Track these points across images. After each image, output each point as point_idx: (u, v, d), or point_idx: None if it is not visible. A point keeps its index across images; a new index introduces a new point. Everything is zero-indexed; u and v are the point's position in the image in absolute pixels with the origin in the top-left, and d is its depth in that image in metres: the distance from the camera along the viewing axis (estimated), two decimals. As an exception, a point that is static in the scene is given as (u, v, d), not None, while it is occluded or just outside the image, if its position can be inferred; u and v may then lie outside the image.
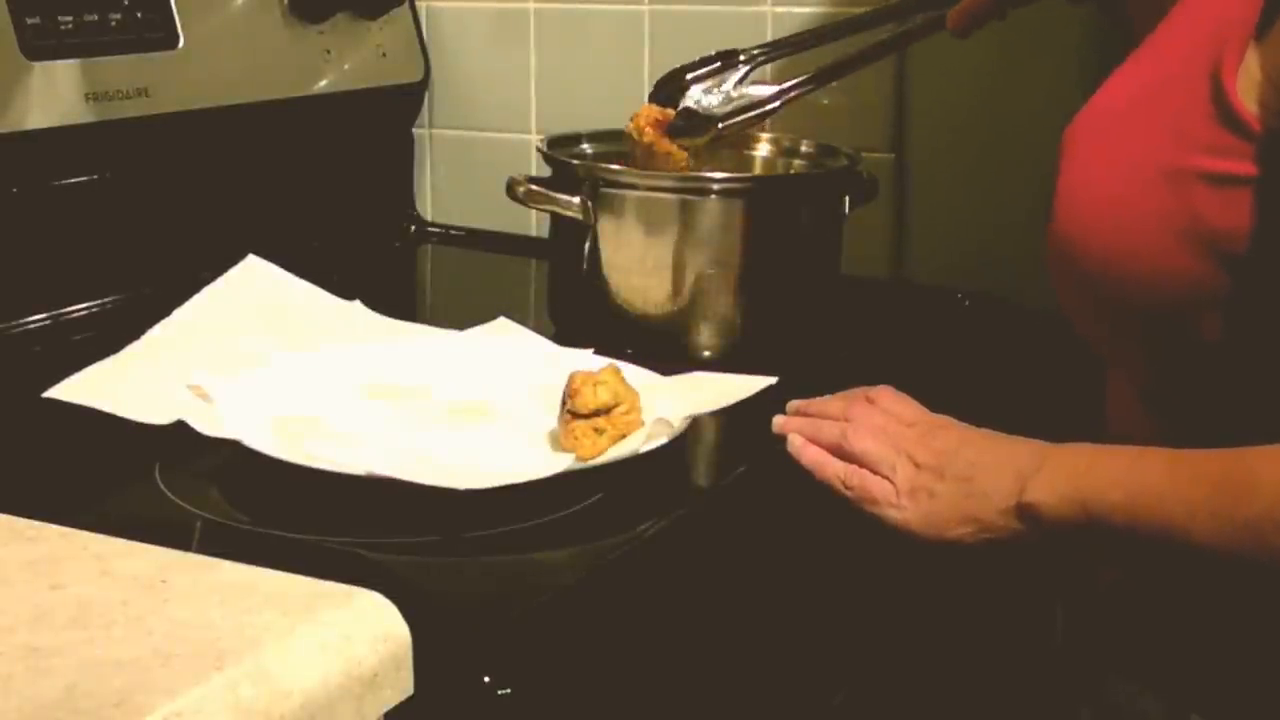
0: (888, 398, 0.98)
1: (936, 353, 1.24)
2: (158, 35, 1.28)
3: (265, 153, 1.42)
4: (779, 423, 0.99)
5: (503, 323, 1.13)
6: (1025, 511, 0.88)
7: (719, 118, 1.18)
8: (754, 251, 1.16)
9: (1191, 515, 0.81)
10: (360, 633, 0.66)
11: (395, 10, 1.51)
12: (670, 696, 0.83)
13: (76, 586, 0.68)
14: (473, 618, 0.77)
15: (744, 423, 1.00)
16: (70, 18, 1.20)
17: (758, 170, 1.32)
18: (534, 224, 1.49)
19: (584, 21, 1.53)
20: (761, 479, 0.97)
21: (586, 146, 1.29)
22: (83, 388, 0.97)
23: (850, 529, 0.94)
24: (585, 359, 1.04)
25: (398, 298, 1.46)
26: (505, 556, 0.84)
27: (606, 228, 1.16)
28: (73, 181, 1.24)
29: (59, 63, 1.19)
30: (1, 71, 1.15)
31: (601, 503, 0.88)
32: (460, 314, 1.17)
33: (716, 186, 1.16)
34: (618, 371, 0.93)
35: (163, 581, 0.69)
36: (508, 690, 0.71)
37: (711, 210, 1.15)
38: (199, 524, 0.86)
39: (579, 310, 1.21)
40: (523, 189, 1.18)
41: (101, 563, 0.70)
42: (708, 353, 1.16)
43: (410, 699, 0.68)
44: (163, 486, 0.90)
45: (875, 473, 0.94)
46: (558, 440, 0.92)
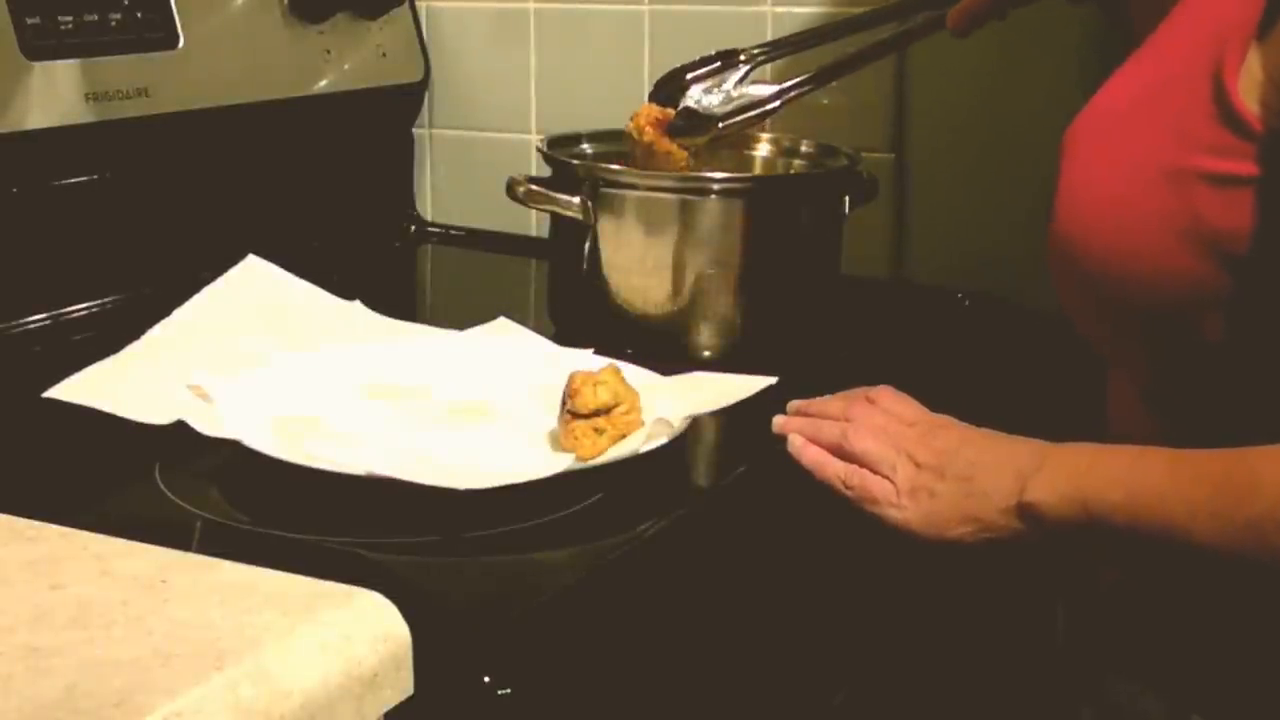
0: (888, 398, 0.98)
1: (936, 353, 1.24)
2: (158, 35, 1.28)
3: (265, 153, 1.42)
4: (779, 423, 0.99)
5: (503, 323, 1.13)
6: (1026, 511, 0.88)
7: (719, 117, 1.18)
8: (754, 251, 1.16)
9: (1193, 515, 0.81)
10: (360, 633, 0.66)
11: (395, 10, 1.51)
12: (670, 696, 0.83)
13: (76, 586, 0.68)
14: (473, 618, 0.77)
15: (744, 423, 1.00)
16: (70, 18, 1.20)
17: (758, 170, 1.32)
18: (534, 224, 1.49)
19: (584, 21, 1.53)
20: (761, 479, 0.97)
21: (586, 146, 1.29)
22: (83, 388, 0.97)
23: (850, 529, 0.94)
24: (585, 359, 1.04)
25: (398, 298, 1.45)
26: (505, 556, 0.84)
27: (606, 228, 1.16)
28: (73, 181, 1.24)
29: (59, 63, 1.19)
30: (1, 71, 1.15)
31: (601, 503, 0.88)
32: (460, 314, 1.17)
33: (716, 186, 1.16)
34: (618, 371, 0.93)
35: (163, 581, 0.69)
36: (508, 690, 0.71)
37: (711, 210, 1.15)
38: (199, 524, 0.86)
39: (579, 310, 1.21)
40: (523, 189, 1.18)
41: (101, 563, 0.70)
42: (708, 353, 1.16)
43: (410, 699, 0.68)
44: (163, 486, 0.90)
45: (876, 472, 0.93)
46: (558, 440, 0.92)
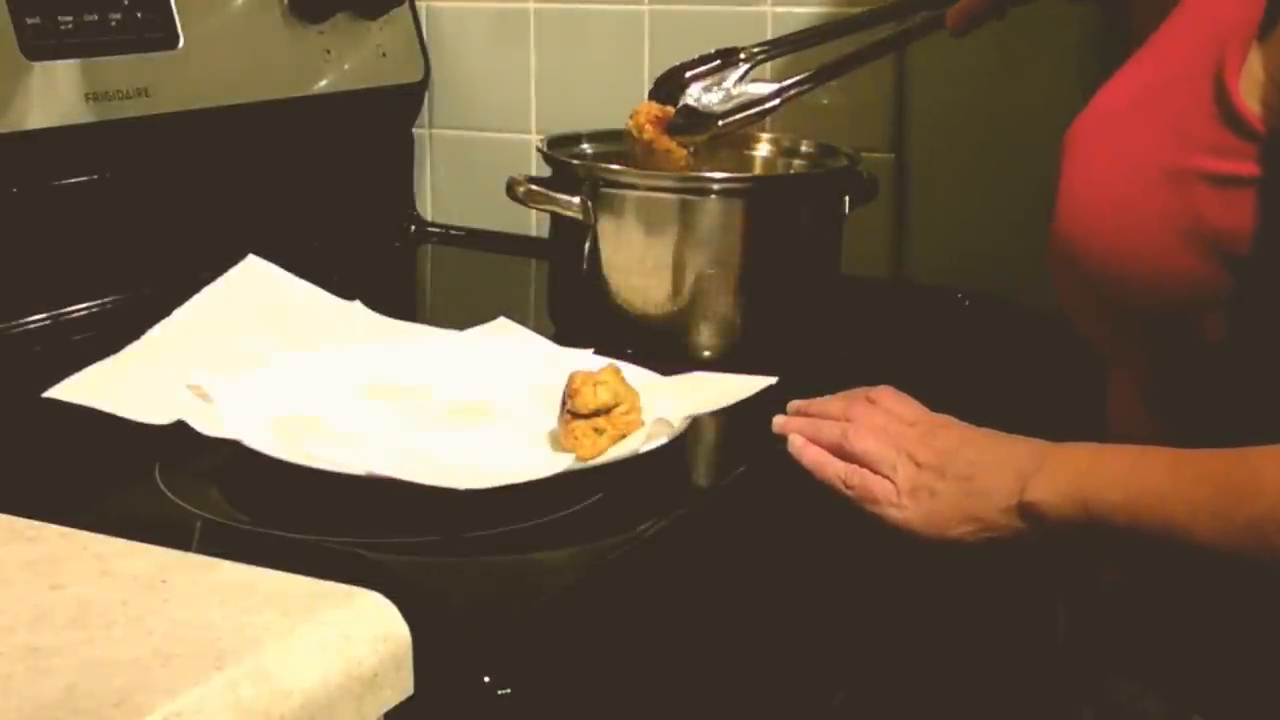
0: (888, 398, 0.98)
1: (936, 353, 1.24)
2: (158, 35, 1.28)
3: (265, 153, 1.41)
4: (779, 423, 0.99)
5: (503, 323, 1.13)
6: (1026, 510, 0.88)
7: (719, 115, 1.18)
8: (754, 251, 1.16)
9: (1193, 515, 0.81)
10: (360, 633, 0.66)
11: (395, 10, 1.51)
12: (670, 696, 0.83)
13: (76, 586, 0.68)
14: (473, 618, 0.77)
15: (744, 423, 1.00)
16: (70, 18, 1.20)
17: (758, 170, 1.32)
18: (534, 224, 1.49)
19: (584, 21, 1.53)
20: (761, 479, 0.97)
21: (586, 146, 1.29)
22: (83, 388, 0.97)
23: (851, 529, 0.94)
24: (585, 359, 1.04)
25: (398, 298, 1.45)
26: (505, 556, 0.84)
27: (606, 228, 1.16)
28: (73, 181, 1.24)
29: (59, 63, 1.19)
30: (1, 71, 1.15)
31: (601, 503, 0.88)
32: (460, 314, 1.17)
33: (716, 186, 1.16)
34: (618, 371, 0.93)
35: (163, 581, 0.68)
36: (508, 690, 0.71)
37: (711, 210, 1.15)
38: (199, 524, 0.86)
39: (579, 310, 1.21)
40: (523, 189, 1.18)
41: (101, 563, 0.70)
42: (708, 353, 1.16)
43: (410, 699, 0.68)
44: (163, 486, 0.90)
45: (876, 472, 0.93)
46: (558, 440, 0.92)
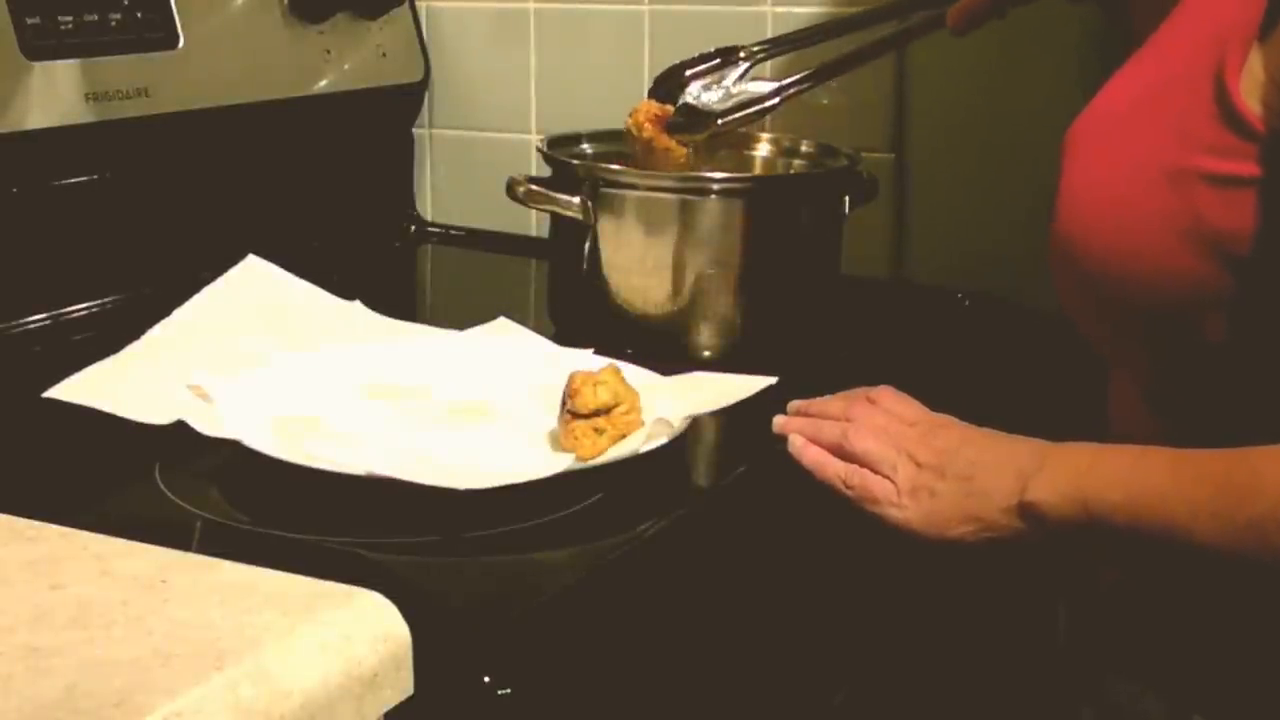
0: (889, 398, 0.98)
1: (936, 353, 1.24)
2: (158, 35, 1.28)
3: (265, 153, 1.41)
4: (779, 423, 0.99)
5: (503, 323, 1.13)
6: (1027, 510, 0.88)
7: (718, 114, 1.18)
8: (754, 251, 1.16)
9: (1194, 515, 0.81)
10: (360, 633, 0.66)
11: (395, 10, 1.51)
12: (670, 696, 0.83)
13: (76, 586, 0.68)
14: (473, 618, 0.77)
15: (744, 423, 1.00)
16: (70, 18, 1.20)
17: (758, 170, 1.32)
18: (534, 224, 1.49)
19: (584, 21, 1.53)
20: (761, 479, 0.97)
21: (586, 146, 1.29)
22: (83, 388, 0.97)
23: (851, 529, 0.94)
24: (585, 359, 1.04)
25: (398, 298, 1.45)
26: (505, 556, 0.84)
27: (606, 228, 1.16)
28: (73, 181, 1.24)
29: (59, 63, 1.19)
30: (1, 71, 1.15)
31: (601, 503, 0.88)
32: (460, 314, 1.17)
33: (716, 186, 1.16)
34: (618, 371, 0.93)
35: (163, 581, 0.68)
36: (508, 690, 0.71)
37: (711, 210, 1.15)
38: (199, 524, 0.86)
39: (579, 310, 1.21)
40: (523, 189, 1.18)
41: (101, 563, 0.70)
42: (708, 353, 1.16)
43: (410, 699, 0.68)
44: (163, 486, 0.90)
45: (876, 472, 0.93)
46: (558, 440, 0.92)
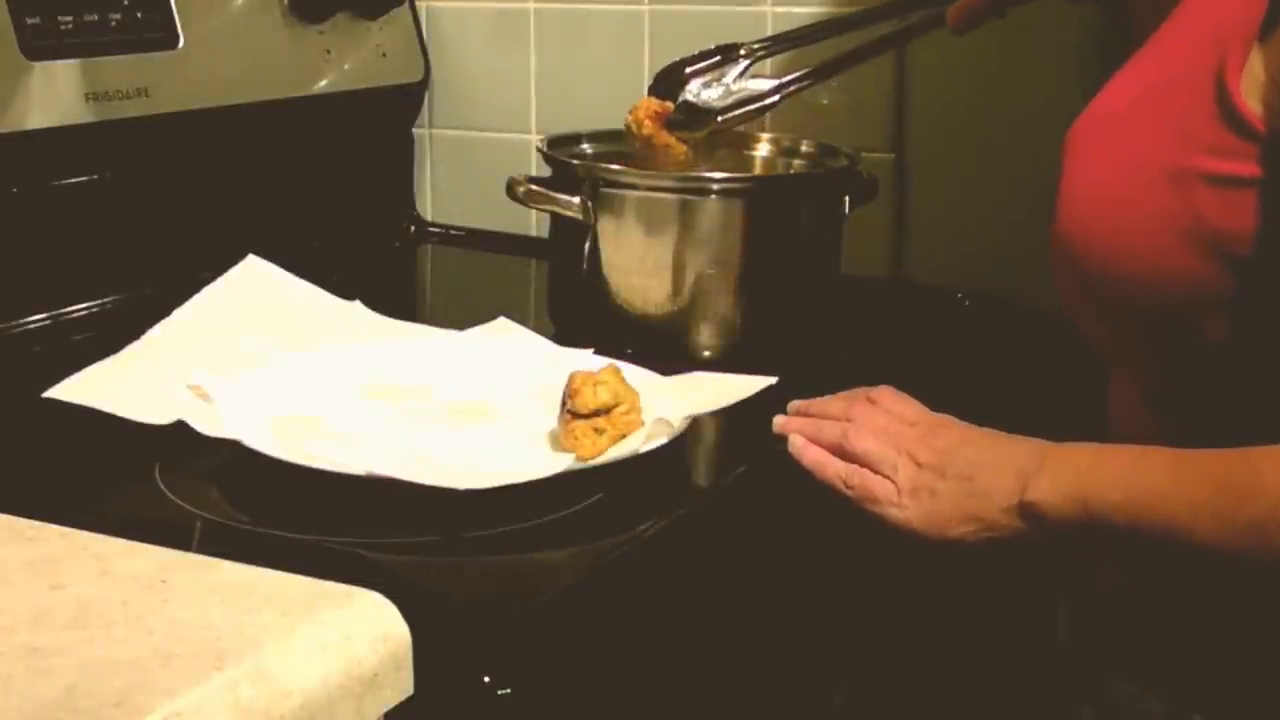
0: (889, 398, 0.98)
1: (936, 353, 1.24)
2: (158, 35, 1.28)
3: (265, 153, 1.41)
4: (779, 423, 0.99)
5: (503, 323, 1.13)
6: (1027, 510, 0.88)
7: (718, 111, 1.18)
8: (754, 251, 1.16)
9: (1194, 515, 0.81)
10: (360, 633, 0.66)
11: (395, 10, 1.51)
12: (670, 696, 0.83)
13: (76, 586, 0.68)
14: (473, 618, 0.77)
15: (744, 423, 1.00)
16: (70, 18, 1.20)
17: (758, 170, 1.32)
18: (534, 224, 1.49)
19: (584, 21, 1.53)
20: (761, 479, 0.97)
21: (586, 146, 1.29)
22: (83, 388, 0.97)
23: (851, 529, 0.94)
24: (585, 359, 1.04)
25: (398, 298, 1.45)
26: (505, 556, 0.84)
27: (606, 228, 1.16)
28: (73, 181, 1.24)
29: (59, 63, 1.19)
30: (1, 71, 1.15)
31: (601, 503, 0.88)
32: (460, 314, 1.17)
33: (716, 186, 1.16)
34: (618, 371, 0.93)
35: (163, 581, 0.68)
36: (508, 690, 0.71)
37: (711, 210, 1.15)
38: (199, 524, 0.86)
39: (579, 310, 1.21)
40: (523, 189, 1.18)
41: (101, 563, 0.70)
42: (708, 353, 1.16)
43: (410, 699, 0.68)
44: (163, 486, 0.90)
45: (876, 472, 0.93)
46: (558, 440, 0.92)
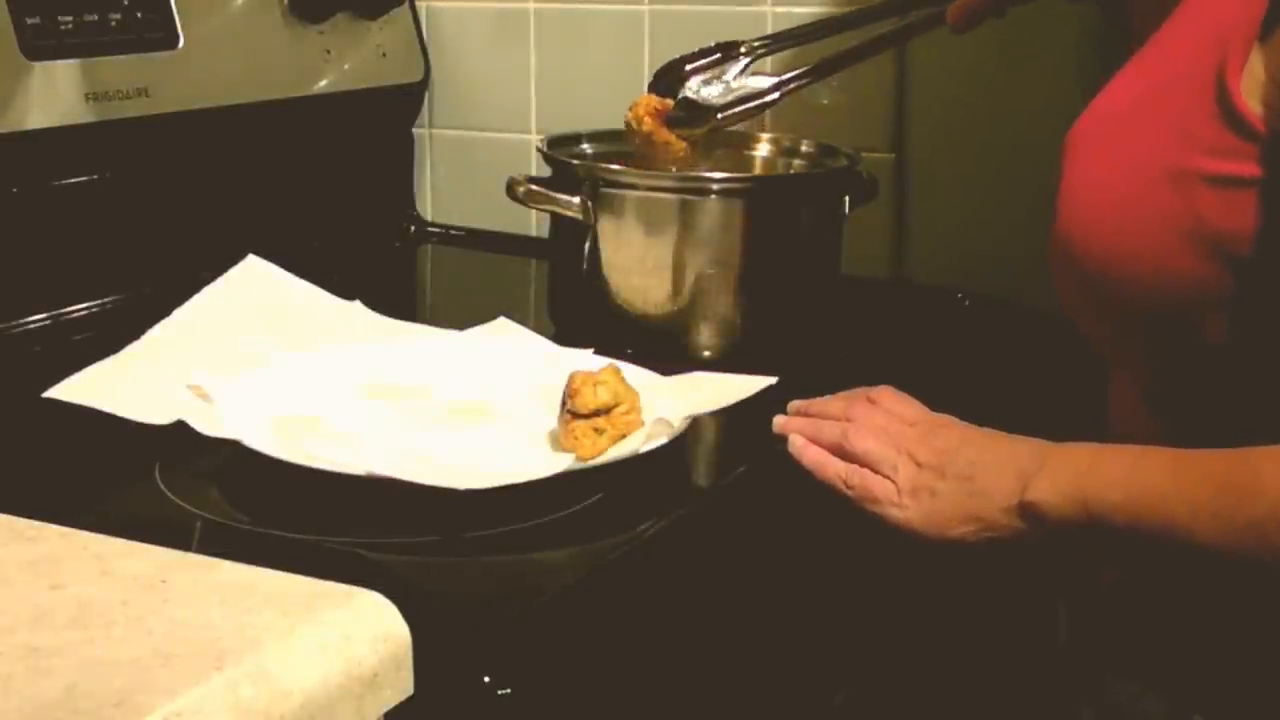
0: (889, 398, 0.98)
1: (936, 353, 1.24)
2: (158, 35, 1.28)
3: (265, 153, 1.41)
4: (779, 423, 0.99)
5: (503, 323, 1.13)
6: (1027, 510, 0.88)
7: (718, 108, 1.17)
8: (754, 251, 1.16)
9: (1194, 515, 0.81)
10: (360, 633, 0.66)
11: (395, 10, 1.51)
12: (670, 696, 0.83)
13: (76, 586, 0.68)
14: (473, 618, 0.77)
15: (744, 423, 1.00)
16: (70, 18, 1.20)
17: (758, 170, 1.32)
18: (534, 224, 1.49)
19: (584, 21, 1.53)
20: (761, 479, 0.97)
21: (586, 146, 1.29)
22: (83, 388, 0.97)
23: (851, 529, 0.94)
24: (585, 359, 1.04)
25: (398, 298, 1.45)
26: (505, 556, 0.84)
27: (606, 228, 1.16)
28: (73, 181, 1.24)
29: (59, 63, 1.19)
30: (1, 71, 1.15)
31: (601, 503, 0.88)
32: (460, 314, 1.17)
33: (716, 186, 1.16)
34: (618, 371, 0.93)
35: (163, 581, 0.68)
36: (508, 690, 0.71)
37: (711, 210, 1.15)
38: (199, 524, 0.86)
39: (579, 310, 1.21)
40: (523, 189, 1.18)
41: (101, 563, 0.70)
42: (708, 353, 1.16)
43: (410, 699, 0.68)
44: (163, 486, 0.90)
45: (877, 472, 0.93)
46: (558, 440, 0.92)
